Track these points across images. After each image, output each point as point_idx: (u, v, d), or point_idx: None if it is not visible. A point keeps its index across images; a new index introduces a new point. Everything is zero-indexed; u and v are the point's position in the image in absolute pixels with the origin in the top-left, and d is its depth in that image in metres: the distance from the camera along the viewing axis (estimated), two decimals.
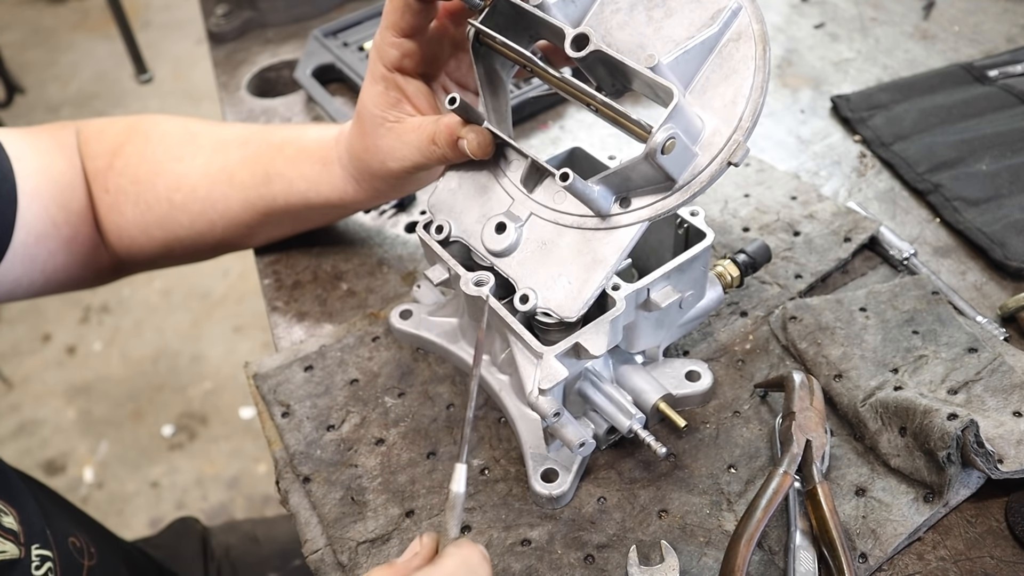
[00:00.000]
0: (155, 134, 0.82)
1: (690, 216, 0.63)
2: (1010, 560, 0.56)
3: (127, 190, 0.80)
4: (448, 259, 0.63)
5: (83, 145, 0.82)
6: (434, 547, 0.48)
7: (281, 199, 0.76)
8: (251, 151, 0.78)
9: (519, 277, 0.59)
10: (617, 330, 0.59)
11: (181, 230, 0.80)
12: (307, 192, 0.75)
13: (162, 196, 0.79)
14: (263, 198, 0.77)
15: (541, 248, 0.59)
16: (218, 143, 0.80)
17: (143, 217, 0.80)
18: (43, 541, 0.71)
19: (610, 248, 0.56)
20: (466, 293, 0.60)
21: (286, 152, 0.76)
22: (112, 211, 0.81)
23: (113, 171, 0.80)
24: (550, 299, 0.57)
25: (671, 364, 0.68)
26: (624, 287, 0.58)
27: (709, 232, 0.62)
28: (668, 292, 0.60)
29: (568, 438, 0.58)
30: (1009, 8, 1.11)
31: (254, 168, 0.77)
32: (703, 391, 0.66)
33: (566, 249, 0.58)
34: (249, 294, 2.54)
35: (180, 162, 0.79)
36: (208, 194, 0.78)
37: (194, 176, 0.79)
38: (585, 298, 0.56)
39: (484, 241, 0.61)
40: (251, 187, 0.77)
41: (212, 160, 0.79)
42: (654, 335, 0.64)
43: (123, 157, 0.80)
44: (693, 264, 0.61)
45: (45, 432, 2.24)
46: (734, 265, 0.71)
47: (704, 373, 0.67)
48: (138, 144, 0.81)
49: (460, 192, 0.65)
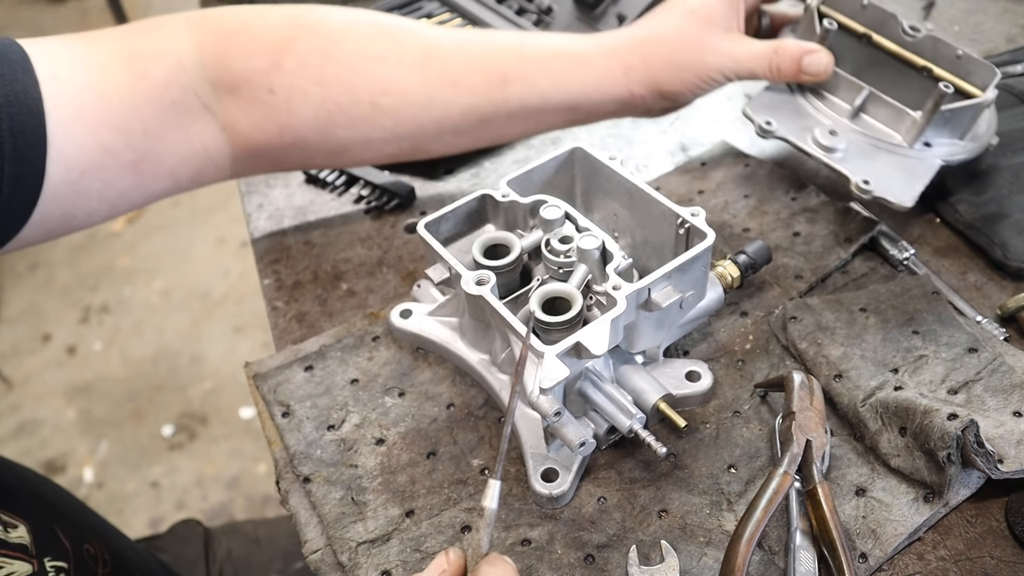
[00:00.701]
0: (332, 29, 0.74)
1: (691, 216, 0.63)
2: (1010, 560, 0.56)
3: (308, 91, 0.72)
4: (449, 258, 0.63)
5: (219, 42, 0.72)
6: (462, 564, 0.47)
7: (515, 102, 0.75)
8: (478, 52, 0.75)
9: (849, 172, 0.74)
10: (618, 329, 0.59)
11: (378, 132, 0.76)
12: (549, 92, 0.75)
13: (362, 99, 0.73)
14: (493, 102, 0.75)
15: (862, 154, 0.76)
16: (427, 42, 0.75)
17: (330, 118, 0.74)
18: (57, 552, 0.69)
19: (922, 168, 0.75)
20: (467, 292, 0.60)
21: (529, 51, 0.75)
22: (277, 111, 0.73)
23: (282, 71, 0.72)
24: (888, 189, 0.73)
25: (671, 364, 0.68)
26: (625, 287, 0.58)
27: (710, 232, 0.62)
28: (669, 292, 0.60)
29: (568, 438, 0.58)
30: (1009, 8, 1.11)
31: (486, 71, 0.74)
32: (703, 391, 0.66)
33: (883, 162, 0.76)
34: (249, 294, 2.54)
35: (382, 62, 0.73)
36: (428, 100, 0.74)
37: (408, 80, 0.73)
38: (914, 194, 0.73)
39: (817, 139, 0.76)
40: (482, 91, 0.74)
41: (429, 62, 0.74)
42: (655, 335, 0.64)
43: (295, 55, 0.72)
44: (694, 264, 0.61)
45: (45, 432, 2.24)
46: (734, 266, 0.71)
47: (704, 373, 0.67)
48: (312, 40, 0.73)
49: (777, 108, 0.80)
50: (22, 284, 2.68)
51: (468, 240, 0.70)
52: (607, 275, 0.59)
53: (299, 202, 0.92)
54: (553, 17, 1.07)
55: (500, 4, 1.11)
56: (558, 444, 0.62)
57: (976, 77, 0.77)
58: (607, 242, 0.63)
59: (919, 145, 0.77)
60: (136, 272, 2.69)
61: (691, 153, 0.93)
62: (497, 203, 0.69)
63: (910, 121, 0.77)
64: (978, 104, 0.76)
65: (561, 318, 0.59)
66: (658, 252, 0.69)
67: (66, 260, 2.73)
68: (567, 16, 1.06)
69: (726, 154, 0.91)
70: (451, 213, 0.68)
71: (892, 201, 0.73)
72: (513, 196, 0.68)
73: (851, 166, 0.75)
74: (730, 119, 0.96)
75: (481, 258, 0.65)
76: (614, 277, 0.59)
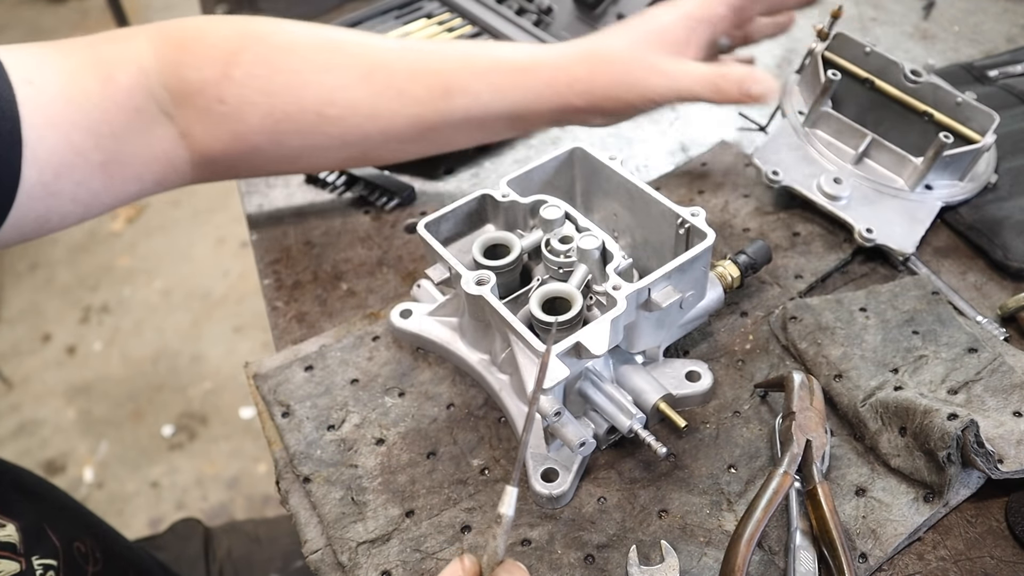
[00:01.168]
0: (280, 41, 0.77)
1: (691, 216, 0.63)
2: (1010, 560, 0.56)
3: (256, 101, 0.75)
4: (449, 258, 0.63)
5: (175, 53, 0.74)
6: (477, 571, 0.47)
7: (459, 113, 0.76)
8: (423, 64, 0.76)
9: (853, 219, 0.77)
10: (618, 330, 0.59)
11: (326, 140, 0.77)
12: (491, 103, 0.76)
13: (309, 108, 0.75)
14: (438, 112, 0.76)
15: (865, 200, 0.78)
16: (373, 54, 0.77)
17: (278, 126, 0.76)
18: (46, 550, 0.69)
19: (923, 212, 0.78)
20: (467, 292, 0.60)
21: (472, 63, 0.76)
22: (228, 120, 0.76)
23: (231, 81, 0.74)
24: (890, 237, 0.75)
25: (671, 364, 0.68)
26: (625, 287, 0.58)
27: (710, 232, 0.62)
28: (669, 292, 0.60)
29: (568, 438, 0.58)
30: (1009, 8, 1.11)
31: (431, 82, 0.75)
32: (703, 391, 0.66)
33: (886, 207, 0.78)
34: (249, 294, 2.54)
35: (328, 73, 0.75)
36: (373, 110, 0.76)
37: (353, 91, 0.75)
38: (915, 239, 0.76)
39: (822, 187, 0.79)
40: (426, 102, 0.75)
41: (374, 74, 0.75)
42: (654, 335, 0.64)
43: (242, 67, 0.74)
44: (694, 264, 0.61)
45: (45, 432, 2.24)
46: (734, 266, 0.71)
47: (704, 373, 0.67)
48: (259, 52, 0.75)
49: (783, 156, 0.82)
50: (22, 284, 2.68)
51: (468, 240, 0.70)
52: (607, 275, 0.59)
53: (299, 202, 0.92)
54: (553, 17, 1.07)
55: (500, 4, 1.11)
56: (558, 444, 0.62)
57: (975, 123, 0.79)
58: (607, 242, 0.63)
59: (920, 189, 0.80)
60: (136, 272, 2.69)
61: (691, 153, 0.93)
62: (497, 203, 0.69)
63: (912, 167, 0.79)
64: (977, 149, 0.77)
65: (561, 318, 0.59)
66: (658, 252, 0.69)
67: (66, 260, 2.73)
68: (567, 16, 1.06)
69: (726, 154, 0.91)
70: (451, 213, 0.68)
71: (894, 248, 0.75)
72: (513, 196, 0.68)
73: (855, 213, 0.78)
74: (730, 119, 0.96)
75: (481, 258, 0.65)
76: (614, 277, 0.59)
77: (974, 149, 0.78)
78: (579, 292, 0.61)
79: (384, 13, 1.14)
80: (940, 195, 0.80)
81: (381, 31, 1.10)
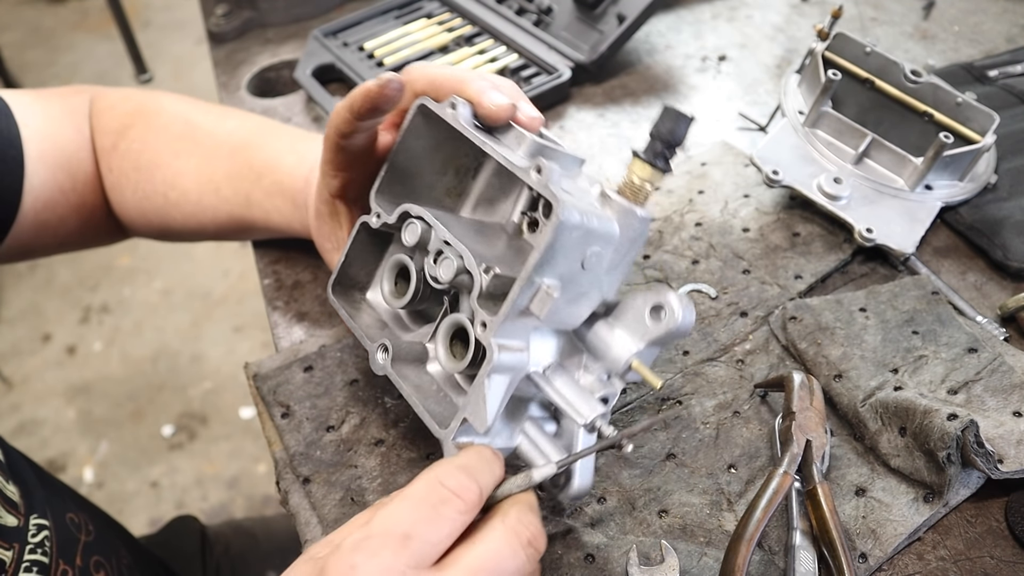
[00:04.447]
0: (158, 122, 0.82)
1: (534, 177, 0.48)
2: (1010, 560, 0.56)
3: (128, 175, 0.81)
4: (356, 331, 0.60)
5: (94, 118, 0.83)
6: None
7: (260, 224, 0.79)
8: (236, 168, 0.78)
9: (853, 219, 0.76)
10: (507, 383, 0.51)
11: (175, 224, 0.82)
12: (280, 225, 0.77)
13: (159, 190, 0.80)
14: (244, 218, 0.79)
15: (865, 200, 0.78)
16: (212, 147, 0.80)
17: (141, 204, 0.81)
18: (41, 512, 0.72)
19: (923, 212, 0.78)
20: (374, 372, 0.57)
21: (264, 183, 0.76)
22: (114, 190, 0.82)
23: (117, 153, 0.81)
24: (890, 236, 0.75)
25: (633, 300, 0.54)
26: (490, 322, 0.48)
27: (559, 194, 0.47)
28: (549, 291, 0.49)
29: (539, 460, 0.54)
30: (1009, 8, 1.11)
31: (237, 188, 0.78)
32: (676, 327, 0.52)
33: (886, 206, 0.77)
34: (249, 294, 2.54)
35: (177, 158, 0.80)
36: (199, 200, 0.79)
37: (187, 178, 0.79)
38: (915, 239, 0.75)
39: (822, 187, 0.78)
40: (235, 204, 0.78)
41: (204, 167, 0.79)
42: (586, 304, 0.53)
43: (127, 140, 0.81)
44: (561, 242, 0.47)
45: (45, 432, 2.24)
46: (641, 163, 0.53)
47: (670, 303, 0.52)
48: (141, 130, 0.81)
49: (783, 155, 0.81)
50: (22, 284, 2.68)
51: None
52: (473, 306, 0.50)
53: None
54: (553, 17, 1.07)
55: (500, 4, 1.11)
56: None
57: (975, 123, 0.79)
58: (466, 259, 0.52)
59: (920, 188, 0.80)
60: (136, 272, 2.69)
61: (691, 153, 0.93)
62: None
63: (912, 167, 0.80)
64: (977, 150, 0.78)
65: (464, 363, 0.54)
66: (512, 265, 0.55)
67: (66, 260, 2.73)
68: (567, 16, 1.06)
69: (726, 154, 0.91)
70: (348, 261, 0.62)
71: (894, 248, 0.75)
72: (384, 216, 0.59)
73: (855, 213, 0.78)
74: (730, 119, 0.96)
75: (391, 297, 0.60)
76: (479, 311, 0.49)
77: (974, 149, 0.78)
78: (470, 322, 0.53)
79: (384, 13, 1.15)
80: (940, 195, 0.80)
81: (381, 31, 1.10)
